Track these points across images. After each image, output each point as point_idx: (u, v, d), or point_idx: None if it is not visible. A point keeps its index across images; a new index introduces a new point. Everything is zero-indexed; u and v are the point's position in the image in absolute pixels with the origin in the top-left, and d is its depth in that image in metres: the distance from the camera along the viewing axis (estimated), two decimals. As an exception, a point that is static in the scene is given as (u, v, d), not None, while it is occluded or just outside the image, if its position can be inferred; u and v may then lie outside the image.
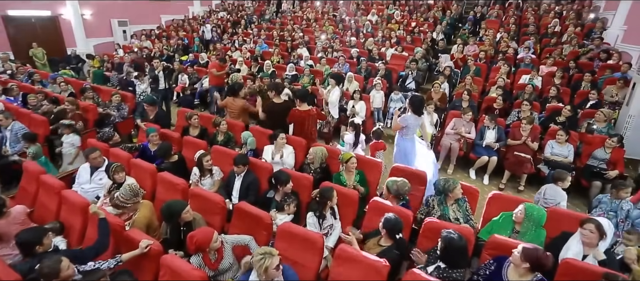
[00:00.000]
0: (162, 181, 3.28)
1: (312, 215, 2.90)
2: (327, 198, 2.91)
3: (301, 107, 4.34)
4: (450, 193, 3.04)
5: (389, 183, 3.10)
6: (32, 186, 3.39)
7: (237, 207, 2.88)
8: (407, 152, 4.09)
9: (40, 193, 3.30)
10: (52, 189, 3.16)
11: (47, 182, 3.20)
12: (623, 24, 7.58)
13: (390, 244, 2.64)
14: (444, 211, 3.15)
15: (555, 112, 5.45)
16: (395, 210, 2.82)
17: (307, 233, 2.56)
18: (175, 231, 2.76)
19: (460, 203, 3.12)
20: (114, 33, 11.12)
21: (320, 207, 2.91)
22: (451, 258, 2.36)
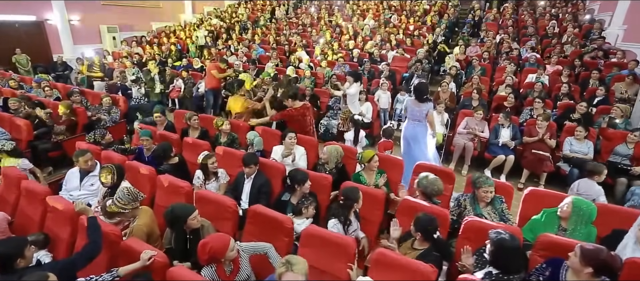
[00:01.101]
0: (161, 185, 2.91)
1: (336, 221, 2.56)
2: (354, 200, 2.59)
3: (295, 105, 4.07)
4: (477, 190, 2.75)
5: (420, 178, 2.80)
6: (12, 193, 2.97)
7: (252, 211, 2.53)
8: (407, 136, 4.22)
9: (21, 201, 2.89)
10: (35, 196, 2.75)
11: (30, 189, 2.79)
12: (622, 23, 7.60)
13: (427, 246, 2.33)
14: (477, 211, 2.86)
15: (569, 109, 5.30)
16: (430, 209, 2.52)
17: (337, 238, 2.23)
18: (180, 240, 2.40)
19: (496, 205, 2.83)
20: (103, 39, 10.69)
21: (345, 210, 2.59)
22: (504, 263, 2.05)
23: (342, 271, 2.20)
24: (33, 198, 2.76)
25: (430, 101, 4.23)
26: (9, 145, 3.36)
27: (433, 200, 2.77)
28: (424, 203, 2.66)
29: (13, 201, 2.95)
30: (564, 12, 9.64)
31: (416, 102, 4.16)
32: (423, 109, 4.16)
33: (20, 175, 3.02)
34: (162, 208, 2.85)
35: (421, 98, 4.11)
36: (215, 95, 6.85)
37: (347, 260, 2.19)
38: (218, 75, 6.68)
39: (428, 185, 2.74)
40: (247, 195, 3.11)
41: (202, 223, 2.43)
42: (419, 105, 4.15)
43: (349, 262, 2.19)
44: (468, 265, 2.20)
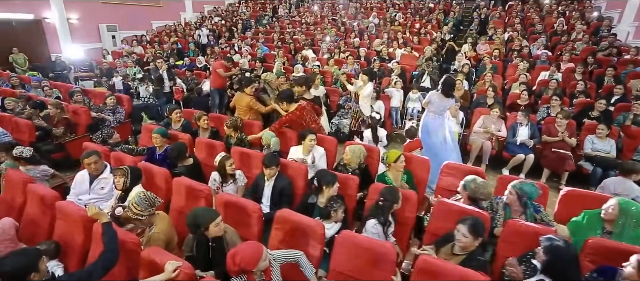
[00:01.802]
0: (180, 188, 2.73)
1: (376, 222, 2.40)
2: (393, 200, 2.43)
3: (289, 108, 3.90)
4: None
5: (467, 181, 2.64)
6: (17, 198, 2.78)
7: (280, 216, 2.35)
8: (428, 129, 4.29)
9: (27, 206, 2.69)
10: (43, 201, 2.56)
11: (38, 193, 2.60)
12: (633, 20, 7.51)
13: (471, 251, 2.18)
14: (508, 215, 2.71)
15: (587, 107, 5.19)
16: (473, 213, 2.36)
17: (376, 244, 2.06)
18: (202, 248, 2.22)
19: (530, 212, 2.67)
20: (102, 38, 10.45)
21: (384, 211, 2.43)
22: (560, 272, 1.90)
23: (382, 278, 2.04)
24: (41, 203, 2.57)
25: (454, 97, 4.38)
26: (27, 151, 3.16)
27: (479, 204, 2.61)
28: (466, 206, 2.50)
29: (18, 206, 2.76)
30: (571, 9, 9.55)
31: (441, 96, 4.28)
32: (447, 104, 4.32)
33: (25, 178, 2.82)
34: (178, 213, 2.68)
35: (448, 93, 4.24)
36: (221, 94, 6.66)
37: (387, 268, 2.02)
38: (223, 74, 6.49)
39: (476, 189, 2.58)
40: (268, 198, 2.94)
41: (225, 230, 2.25)
42: (444, 100, 4.28)
43: (390, 271, 2.02)
44: (517, 272, 2.04)
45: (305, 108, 3.91)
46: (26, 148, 3.17)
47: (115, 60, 8.98)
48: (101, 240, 1.98)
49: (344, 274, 2.12)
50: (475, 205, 2.64)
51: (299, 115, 3.85)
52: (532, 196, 2.58)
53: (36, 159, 3.23)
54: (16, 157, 3.10)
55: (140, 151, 3.72)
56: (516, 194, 2.61)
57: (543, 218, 2.60)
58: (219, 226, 2.17)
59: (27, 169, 3.12)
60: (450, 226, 2.46)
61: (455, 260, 2.19)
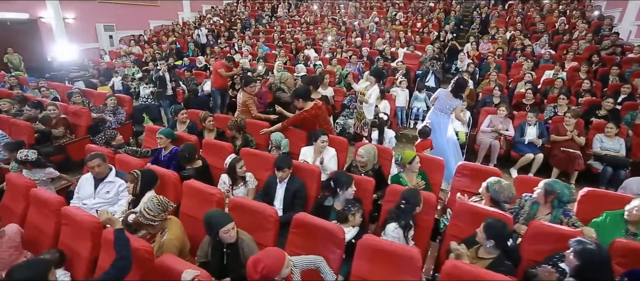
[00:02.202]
0: (190, 191, 2.63)
1: (396, 226, 2.32)
2: (415, 203, 2.36)
3: (305, 106, 3.78)
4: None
5: (490, 183, 2.57)
6: (19, 203, 2.66)
7: (297, 220, 2.27)
8: (432, 127, 4.20)
9: (30, 212, 2.58)
10: (47, 206, 2.45)
11: (42, 198, 2.49)
12: (635, 19, 7.52)
13: (496, 256, 2.11)
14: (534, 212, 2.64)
15: (594, 106, 5.16)
16: (494, 214, 2.29)
17: (401, 249, 1.99)
18: (216, 254, 2.13)
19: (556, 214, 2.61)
20: (99, 38, 10.28)
21: (406, 215, 2.35)
22: (591, 276, 1.83)
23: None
24: (45, 209, 2.46)
25: (462, 98, 4.30)
26: (32, 154, 3.03)
27: (502, 206, 2.54)
28: (488, 208, 2.43)
29: (20, 212, 2.64)
30: (572, 8, 9.56)
31: (450, 95, 4.23)
32: (454, 104, 4.26)
33: (27, 183, 2.70)
34: (189, 218, 2.58)
35: (457, 93, 4.19)
36: (222, 94, 6.55)
37: (413, 274, 1.95)
38: (224, 74, 6.37)
39: (500, 191, 2.51)
40: (281, 201, 2.85)
41: (242, 237, 2.16)
42: (452, 99, 4.23)
43: (415, 276, 1.95)
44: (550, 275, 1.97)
45: (321, 108, 3.82)
46: (30, 151, 3.04)
47: (113, 61, 8.82)
48: (113, 247, 1.88)
49: (367, 280, 2.03)
50: (497, 207, 2.57)
51: (314, 114, 3.72)
52: (562, 197, 2.50)
53: (42, 162, 3.11)
54: (21, 161, 2.98)
55: (144, 153, 3.61)
56: (544, 190, 2.55)
57: (573, 223, 2.52)
58: (229, 233, 2.06)
59: (33, 172, 3.00)
60: (471, 229, 2.40)
61: (480, 263, 2.12)
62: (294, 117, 3.83)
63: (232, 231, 2.08)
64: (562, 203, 2.55)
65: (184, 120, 4.05)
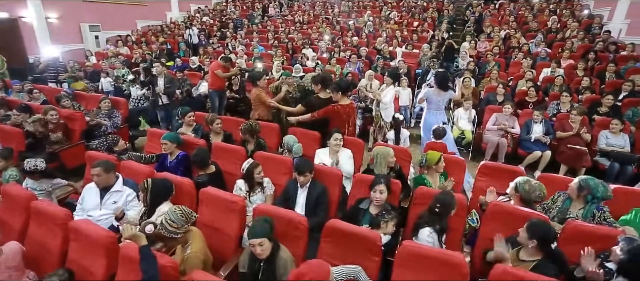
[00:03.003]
0: (209, 199, 2.45)
1: (431, 231, 2.22)
2: (450, 206, 2.26)
3: (342, 102, 3.68)
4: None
5: (520, 183, 2.50)
6: (18, 217, 2.42)
7: (330, 227, 2.13)
8: (429, 126, 4.19)
9: (32, 227, 2.35)
10: (53, 220, 2.23)
11: (46, 211, 2.26)
12: (625, 17, 7.71)
13: (539, 257, 2.03)
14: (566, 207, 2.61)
15: (596, 103, 5.22)
16: (532, 215, 2.22)
17: (446, 254, 1.88)
18: (253, 267, 1.98)
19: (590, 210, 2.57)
20: (84, 39, 9.83)
21: (441, 219, 2.25)
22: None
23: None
24: (49, 223, 2.24)
25: (451, 88, 4.40)
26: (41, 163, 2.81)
27: (533, 206, 2.48)
28: (524, 208, 2.36)
29: (20, 227, 2.40)
30: (562, 7, 9.76)
31: (439, 91, 4.26)
32: (446, 97, 4.34)
33: (27, 195, 2.47)
34: (208, 229, 2.41)
35: (445, 87, 4.22)
36: (220, 96, 6.33)
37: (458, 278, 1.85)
38: (222, 75, 6.16)
39: (531, 190, 2.44)
40: (302, 207, 2.71)
41: (281, 254, 2.01)
42: (441, 94, 4.28)
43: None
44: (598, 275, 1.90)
45: (354, 109, 3.72)
46: (39, 160, 2.81)
47: (100, 62, 8.45)
48: (136, 265, 1.71)
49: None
50: (528, 207, 2.51)
51: (346, 112, 3.63)
52: (595, 193, 2.47)
53: (50, 172, 2.88)
54: (30, 171, 2.74)
55: (149, 159, 3.39)
56: (578, 185, 2.53)
57: (606, 218, 2.49)
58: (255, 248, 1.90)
59: (40, 183, 2.77)
60: (505, 231, 2.32)
61: (523, 266, 2.04)
62: (325, 109, 3.70)
63: (259, 247, 1.91)
64: (596, 199, 2.53)
65: (191, 123, 3.85)
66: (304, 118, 3.68)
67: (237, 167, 3.22)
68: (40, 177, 2.81)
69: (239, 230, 2.36)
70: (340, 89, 3.56)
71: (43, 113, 4.20)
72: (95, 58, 9.20)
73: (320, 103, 3.82)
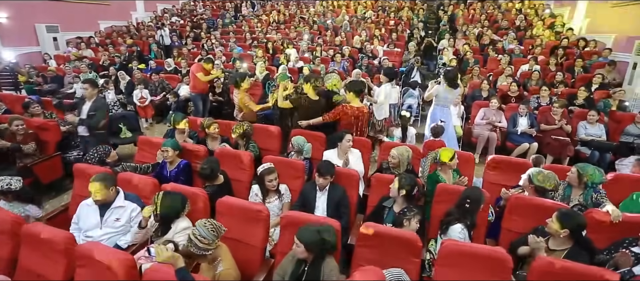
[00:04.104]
0: (229, 210, 2.27)
1: (463, 227, 2.21)
2: (480, 202, 2.26)
3: (353, 103, 3.61)
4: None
5: (533, 174, 2.56)
6: (4, 245, 2.09)
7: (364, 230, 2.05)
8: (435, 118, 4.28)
9: (23, 256, 2.04)
10: (52, 246, 1.94)
11: (42, 236, 1.96)
12: (584, 17, 8.33)
13: (569, 246, 2.08)
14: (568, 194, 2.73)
15: (572, 96, 5.57)
16: (556, 206, 2.28)
17: (489, 251, 1.87)
18: (296, 272, 1.86)
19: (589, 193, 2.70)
20: (41, 41, 8.97)
21: (472, 214, 2.24)
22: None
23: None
24: (48, 250, 1.95)
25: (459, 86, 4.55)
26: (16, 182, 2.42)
27: (547, 195, 2.55)
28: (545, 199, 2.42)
29: (7, 255, 2.08)
30: (526, 7, 10.37)
31: (448, 89, 4.33)
32: (454, 95, 4.45)
33: (13, 218, 2.14)
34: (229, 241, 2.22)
35: (454, 84, 4.31)
36: (203, 99, 6.03)
37: (504, 276, 1.84)
38: (204, 79, 5.86)
39: (545, 181, 2.51)
40: (323, 211, 2.60)
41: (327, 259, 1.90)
42: (451, 92, 4.36)
43: (506, 278, 1.84)
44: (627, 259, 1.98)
45: (366, 113, 3.65)
46: (15, 179, 2.43)
47: (62, 66, 7.74)
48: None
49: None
50: (542, 197, 2.58)
51: (356, 114, 3.55)
52: (594, 179, 2.60)
53: (28, 193, 2.51)
54: (3, 190, 2.36)
55: (145, 169, 3.11)
56: (577, 172, 2.66)
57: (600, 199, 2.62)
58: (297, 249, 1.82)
59: (11, 206, 2.40)
60: (528, 222, 2.37)
61: (555, 255, 2.08)
62: (335, 110, 3.62)
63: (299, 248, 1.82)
64: (594, 184, 2.67)
65: (183, 130, 3.59)
66: (315, 121, 3.56)
67: (244, 173, 3.06)
68: (12, 199, 2.44)
69: (264, 240, 2.21)
70: (354, 90, 3.49)
71: (8, 123, 3.75)
72: (55, 61, 8.46)
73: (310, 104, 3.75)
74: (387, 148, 3.31)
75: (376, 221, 2.49)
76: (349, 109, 3.54)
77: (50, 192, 3.95)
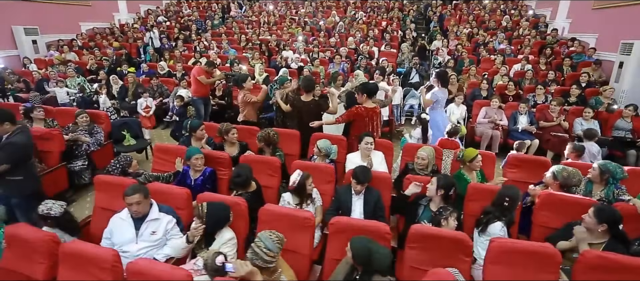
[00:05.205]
0: (271, 218, 2.22)
1: (503, 225, 2.27)
2: (518, 200, 2.34)
3: (366, 104, 3.64)
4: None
5: (557, 171, 2.66)
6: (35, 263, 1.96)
7: (415, 233, 2.07)
8: (440, 124, 4.35)
9: (63, 276, 1.91)
10: (95, 264, 1.84)
11: (81, 254, 1.85)
12: (566, 17, 8.75)
13: (606, 239, 2.18)
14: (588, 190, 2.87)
15: (565, 93, 5.84)
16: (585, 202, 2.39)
17: (537, 247, 1.94)
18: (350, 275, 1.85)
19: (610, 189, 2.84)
20: (19, 44, 8.46)
21: (511, 211, 2.31)
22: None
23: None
24: (93, 268, 1.84)
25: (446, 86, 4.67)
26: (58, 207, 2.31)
27: (571, 190, 2.66)
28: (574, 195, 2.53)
29: (42, 276, 1.95)
30: (510, 7, 10.77)
31: (444, 90, 4.48)
32: (446, 95, 4.55)
33: (50, 236, 2.01)
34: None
35: (446, 85, 4.52)
36: (205, 102, 5.88)
37: (553, 270, 1.91)
38: (206, 82, 5.72)
39: (570, 177, 2.62)
40: (361, 214, 2.60)
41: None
42: (445, 92, 4.51)
43: (555, 272, 1.91)
44: None
45: (378, 114, 3.65)
46: (57, 204, 2.29)
47: (47, 70, 7.34)
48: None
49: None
50: (567, 192, 2.70)
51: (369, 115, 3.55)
52: (616, 175, 2.74)
53: (69, 221, 2.37)
54: (43, 215, 2.22)
55: (167, 178, 3.00)
56: (599, 170, 2.78)
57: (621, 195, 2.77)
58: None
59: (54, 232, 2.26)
60: (559, 217, 2.48)
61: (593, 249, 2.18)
62: (349, 112, 3.61)
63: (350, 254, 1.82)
64: (615, 180, 2.81)
65: (202, 136, 3.50)
66: (328, 121, 3.56)
67: (271, 179, 3.01)
68: (54, 225, 2.31)
69: (311, 247, 2.19)
70: (366, 92, 3.51)
71: (7, 134, 3.51)
72: (36, 65, 8.01)
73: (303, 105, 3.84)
74: (410, 150, 3.36)
75: (410, 219, 2.54)
76: (363, 110, 3.56)
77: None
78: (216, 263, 1.88)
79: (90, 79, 7.38)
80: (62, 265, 1.92)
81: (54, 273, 1.97)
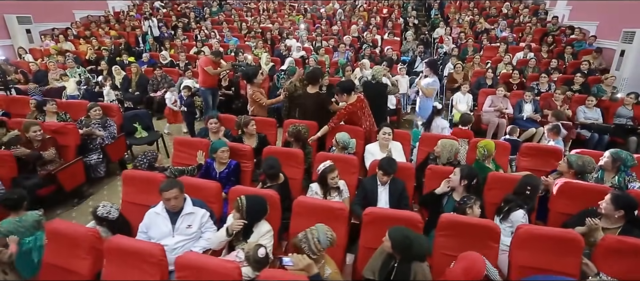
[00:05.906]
0: (304, 210, 2.29)
1: (525, 213, 2.38)
2: (538, 188, 2.45)
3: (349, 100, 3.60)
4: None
5: (572, 160, 2.77)
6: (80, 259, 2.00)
7: (446, 221, 2.17)
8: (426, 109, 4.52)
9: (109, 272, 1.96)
10: (144, 260, 1.87)
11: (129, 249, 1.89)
12: (567, 4, 8.81)
13: (621, 224, 2.31)
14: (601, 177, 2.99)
15: (568, 81, 5.95)
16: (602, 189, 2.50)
17: (562, 233, 2.06)
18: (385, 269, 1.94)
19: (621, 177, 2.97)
20: (12, 34, 8.23)
21: (532, 200, 2.42)
22: None
23: (571, 266, 2.03)
24: (143, 263, 1.87)
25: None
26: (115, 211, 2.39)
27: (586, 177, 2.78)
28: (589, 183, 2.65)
29: (87, 272, 2.00)
30: (510, -6, 10.77)
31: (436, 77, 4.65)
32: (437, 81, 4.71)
33: (92, 232, 2.05)
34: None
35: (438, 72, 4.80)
36: (213, 93, 5.84)
37: (576, 255, 2.03)
38: (212, 72, 5.66)
39: (585, 165, 2.73)
40: (386, 204, 2.69)
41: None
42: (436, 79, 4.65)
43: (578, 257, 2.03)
44: None
45: (363, 100, 3.67)
46: (114, 207, 2.33)
47: (43, 61, 7.19)
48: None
49: (530, 267, 2.06)
50: (582, 179, 2.82)
51: (359, 106, 3.58)
52: (627, 162, 2.86)
53: (122, 224, 2.40)
54: (101, 217, 2.26)
55: (191, 171, 3.04)
56: (611, 158, 2.89)
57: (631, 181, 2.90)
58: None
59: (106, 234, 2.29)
60: (576, 205, 2.59)
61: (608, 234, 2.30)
62: (340, 113, 3.62)
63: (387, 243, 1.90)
64: (626, 167, 2.94)
65: (216, 130, 3.52)
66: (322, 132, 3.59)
67: (296, 171, 3.07)
68: (107, 228, 2.35)
69: (345, 238, 2.27)
70: (345, 90, 3.53)
71: (23, 129, 3.48)
72: (32, 56, 7.83)
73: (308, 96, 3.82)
74: (428, 139, 3.44)
75: (433, 208, 2.64)
76: (351, 106, 3.55)
77: (72, 199, 3.76)
78: (258, 255, 1.96)
79: (90, 70, 7.26)
80: (108, 260, 1.96)
81: (98, 268, 2.02)
